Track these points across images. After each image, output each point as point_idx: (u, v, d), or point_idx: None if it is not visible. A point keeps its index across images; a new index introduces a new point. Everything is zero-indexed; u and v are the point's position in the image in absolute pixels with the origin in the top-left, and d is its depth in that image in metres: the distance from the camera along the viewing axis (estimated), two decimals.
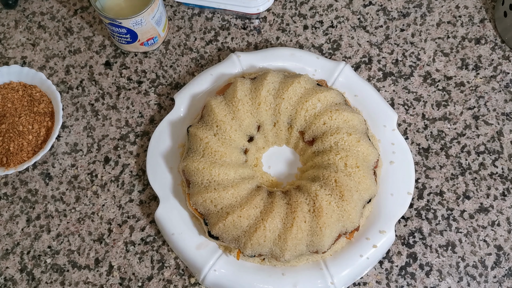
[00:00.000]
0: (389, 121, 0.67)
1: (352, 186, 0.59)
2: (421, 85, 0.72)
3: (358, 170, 0.60)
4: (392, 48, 0.75)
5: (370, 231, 0.62)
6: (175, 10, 0.78)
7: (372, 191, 0.61)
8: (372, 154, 0.62)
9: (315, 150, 0.63)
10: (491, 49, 0.74)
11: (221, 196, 0.59)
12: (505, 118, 0.70)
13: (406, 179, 0.65)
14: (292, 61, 0.71)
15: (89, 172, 0.69)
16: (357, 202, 0.59)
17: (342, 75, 0.70)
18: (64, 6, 0.79)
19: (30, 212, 0.67)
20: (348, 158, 0.60)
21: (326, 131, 0.62)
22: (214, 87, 0.70)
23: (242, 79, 0.65)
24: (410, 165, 0.65)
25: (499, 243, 0.64)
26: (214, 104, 0.63)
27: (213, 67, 0.71)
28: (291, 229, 0.58)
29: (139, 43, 0.72)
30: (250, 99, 0.64)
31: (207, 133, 0.62)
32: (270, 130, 0.65)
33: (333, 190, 0.59)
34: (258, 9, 0.74)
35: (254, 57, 0.71)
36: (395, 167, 0.66)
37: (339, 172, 0.59)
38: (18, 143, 0.68)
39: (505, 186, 0.67)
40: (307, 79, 0.65)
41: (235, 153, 0.62)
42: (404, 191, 0.64)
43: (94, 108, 0.73)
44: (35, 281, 0.64)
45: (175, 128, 0.68)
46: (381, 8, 0.77)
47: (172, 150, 0.67)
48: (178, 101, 0.69)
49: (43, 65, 0.76)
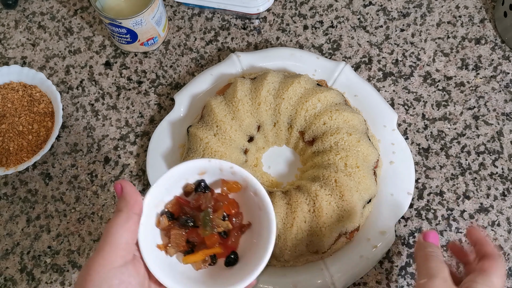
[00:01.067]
0: (389, 121, 0.67)
1: (352, 186, 0.59)
2: (421, 85, 0.72)
3: (358, 170, 0.60)
4: (392, 48, 0.75)
5: (370, 231, 0.62)
6: (175, 10, 0.78)
7: (372, 191, 0.61)
8: (372, 154, 0.62)
9: (315, 150, 0.63)
10: (491, 49, 0.74)
11: None
12: (505, 118, 0.70)
13: (406, 179, 0.65)
14: (292, 61, 0.71)
15: (89, 172, 0.69)
16: (357, 202, 0.59)
17: (342, 75, 0.70)
18: (64, 6, 0.79)
19: (30, 212, 0.67)
20: (348, 158, 0.60)
21: (326, 131, 0.62)
22: (214, 87, 0.70)
23: (242, 79, 0.65)
24: (410, 165, 0.65)
25: (499, 243, 0.64)
26: (214, 104, 0.63)
27: (213, 67, 0.71)
28: (291, 229, 0.58)
29: (139, 43, 0.72)
30: (250, 99, 0.64)
31: (207, 133, 0.62)
32: (270, 130, 0.65)
33: (333, 190, 0.59)
34: (258, 9, 0.74)
35: (254, 57, 0.71)
36: (395, 167, 0.65)
37: (339, 172, 0.59)
38: (18, 143, 0.68)
39: (505, 186, 0.66)
40: (307, 79, 0.65)
41: (235, 153, 0.62)
42: (404, 191, 0.64)
43: (94, 108, 0.73)
44: (35, 281, 0.64)
45: (175, 128, 0.68)
46: (381, 8, 0.77)
47: (172, 150, 0.67)
48: (178, 101, 0.69)
49: (43, 65, 0.76)
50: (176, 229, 0.46)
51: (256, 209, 0.48)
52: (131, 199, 0.43)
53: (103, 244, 0.40)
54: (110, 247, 0.40)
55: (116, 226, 0.41)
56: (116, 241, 0.40)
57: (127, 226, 0.41)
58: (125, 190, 0.43)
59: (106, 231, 0.41)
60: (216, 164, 0.47)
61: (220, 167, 0.47)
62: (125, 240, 0.41)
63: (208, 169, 0.48)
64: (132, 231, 0.42)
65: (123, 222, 0.41)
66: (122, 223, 0.41)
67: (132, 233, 0.42)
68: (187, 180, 0.48)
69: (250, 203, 0.48)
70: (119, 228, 0.41)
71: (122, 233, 0.41)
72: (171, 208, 0.47)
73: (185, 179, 0.48)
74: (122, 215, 0.42)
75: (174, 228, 0.46)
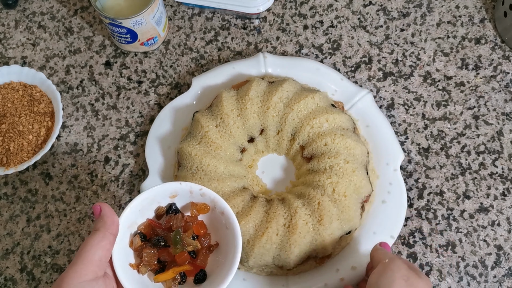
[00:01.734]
0: (393, 160, 0.65)
1: (333, 213, 0.58)
2: (421, 85, 0.72)
3: (345, 199, 0.58)
4: (392, 48, 0.75)
5: (342, 263, 0.61)
6: (175, 10, 0.78)
7: (353, 224, 0.60)
8: (364, 187, 0.60)
9: (310, 168, 0.62)
10: (491, 49, 0.74)
11: (203, 186, 0.60)
12: (505, 118, 0.70)
13: (393, 222, 0.62)
14: (316, 75, 0.69)
15: (89, 172, 0.69)
16: (334, 230, 0.58)
17: (361, 103, 0.68)
18: (64, 6, 0.79)
19: (30, 212, 0.67)
20: (338, 185, 0.58)
21: (325, 152, 0.61)
22: (233, 81, 0.70)
23: (260, 80, 0.65)
24: (402, 209, 0.63)
25: (499, 243, 0.64)
26: (224, 97, 0.63)
27: (237, 61, 0.71)
28: (261, 238, 0.57)
29: (139, 43, 0.72)
30: (261, 101, 0.63)
31: (210, 122, 0.62)
32: (272, 137, 0.65)
33: (313, 211, 0.58)
34: (258, 9, 0.74)
35: (280, 62, 0.70)
36: (386, 207, 0.63)
37: (325, 196, 0.58)
38: (18, 143, 0.68)
39: (505, 186, 0.67)
40: (323, 97, 0.64)
41: (231, 149, 0.62)
42: (388, 233, 0.62)
43: (94, 108, 0.73)
44: (35, 281, 0.64)
45: (183, 110, 0.68)
46: (381, 8, 0.77)
47: (175, 131, 0.68)
48: (194, 84, 0.69)
49: (43, 65, 0.76)
50: (148, 249, 0.48)
51: (223, 228, 0.51)
52: (108, 220, 0.45)
53: (76, 259, 0.43)
54: (82, 262, 0.42)
55: (91, 243, 0.44)
56: (89, 257, 0.43)
57: (102, 244, 0.44)
58: (103, 211, 0.46)
59: (81, 248, 0.43)
60: (186, 187, 0.50)
61: (190, 189, 0.51)
62: (98, 257, 0.43)
63: (179, 192, 0.51)
64: (106, 249, 0.44)
65: (98, 240, 0.44)
66: (98, 241, 0.44)
67: (106, 251, 0.44)
68: (159, 203, 0.51)
69: (218, 223, 0.52)
70: (94, 245, 0.43)
71: (96, 250, 0.43)
72: (144, 230, 0.50)
73: (157, 202, 0.51)
74: (98, 233, 0.44)
75: (146, 248, 0.49)
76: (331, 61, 0.74)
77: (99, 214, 0.46)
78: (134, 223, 0.50)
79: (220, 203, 0.50)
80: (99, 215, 0.46)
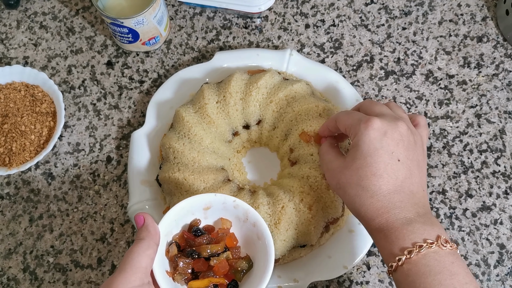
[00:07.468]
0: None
1: (292, 221, 0.57)
2: (423, 83, 0.72)
3: (309, 212, 0.57)
4: (394, 47, 0.74)
5: (286, 272, 0.60)
6: (177, 9, 0.78)
7: (310, 239, 0.59)
8: (334, 209, 0.59)
9: (290, 172, 0.62)
10: (493, 47, 0.74)
11: (183, 153, 0.60)
12: (508, 116, 0.70)
13: (353, 253, 0.61)
14: (334, 88, 0.68)
15: (91, 171, 0.69)
16: (289, 238, 0.58)
17: None
18: (66, 6, 0.79)
19: (33, 212, 0.68)
20: (308, 197, 0.58)
21: (308, 162, 0.60)
22: (250, 67, 0.70)
23: (275, 73, 0.65)
24: (366, 245, 0.61)
25: (502, 241, 0.64)
26: (235, 77, 0.64)
27: (265, 50, 0.71)
28: None
29: (141, 43, 0.73)
30: (268, 93, 0.64)
31: (212, 96, 0.63)
32: (267, 131, 0.65)
33: (274, 213, 0.57)
34: (259, 8, 0.74)
35: (303, 63, 0.69)
36: (352, 237, 0.61)
37: (291, 203, 0.57)
38: (20, 143, 0.68)
39: (507, 184, 0.66)
40: (327, 110, 0.62)
41: (223, 128, 0.63)
42: (342, 262, 0.60)
43: (96, 108, 0.73)
44: (38, 281, 0.64)
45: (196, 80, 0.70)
46: (382, 6, 0.77)
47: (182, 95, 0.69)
48: (217, 57, 0.70)
49: (45, 65, 0.76)
50: (183, 258, 0.50)
51: (254, 239, 0.52)
52: (152, 230, 0.48)
53: (124, 266, 0.45)
54: (131, 269, 0.44)
55: (138, 251, 0.46)
56: (137, 265, 0.45)
57: (147, 253, 0.46)
58: (147, 221, 0.48)
59: (128, 255, 0.45)
60: (220, 198, 0.52)
61: (224, 201, 0.52)
62: (144, 264, 0.45)
63: (213, 204, 0.52)
64: (151, 258, 0.46)
65: (144, 249, 0.46)
66: (143, 249, 0.46)
67: (151, 260, 0.46)
68: (193, 214, 0.53)
69: (249, 234, 0.52)
70: (140, 253, 0.45)
71: (142, 258, 0.45)
72: (178, 240, 0.52)
73: (191, 213, 0.52)
74: (144, 242, 0.46)
75: (181, 257, 0.50)
76: (333, 60, 0.74)
77: (143, 223, 0.48)
78: (170, 232, 0.52)
79: (253, 214, 0.51)
80: (142, 225, 0.48)
